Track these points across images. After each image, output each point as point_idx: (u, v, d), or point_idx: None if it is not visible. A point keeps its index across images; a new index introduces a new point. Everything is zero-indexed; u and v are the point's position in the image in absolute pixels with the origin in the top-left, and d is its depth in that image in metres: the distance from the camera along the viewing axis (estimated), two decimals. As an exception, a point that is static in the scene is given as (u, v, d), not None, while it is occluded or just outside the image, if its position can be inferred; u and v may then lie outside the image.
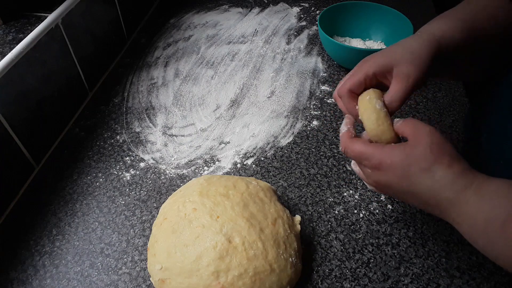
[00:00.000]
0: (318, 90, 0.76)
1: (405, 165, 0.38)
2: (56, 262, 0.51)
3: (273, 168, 0.62)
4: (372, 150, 0.41)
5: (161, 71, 0.81)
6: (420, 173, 0.38)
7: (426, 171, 0.38)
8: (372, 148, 0.41)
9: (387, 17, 0.82)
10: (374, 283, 0.49)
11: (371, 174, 0.42)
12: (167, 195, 0.59)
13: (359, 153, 0.42)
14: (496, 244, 0.35)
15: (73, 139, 0.68)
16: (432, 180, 0.38)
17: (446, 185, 0.37)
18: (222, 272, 0.43)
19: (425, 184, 0.38)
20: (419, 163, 0.38)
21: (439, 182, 0.37)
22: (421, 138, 0.39)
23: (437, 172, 0.37)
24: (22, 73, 0.58)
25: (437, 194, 0.38)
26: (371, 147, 0.41)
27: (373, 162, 0.40)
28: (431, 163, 0.38)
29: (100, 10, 0.77)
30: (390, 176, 0.40)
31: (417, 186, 0.39)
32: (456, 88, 0.75)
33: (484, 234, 0.36)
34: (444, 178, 0.37)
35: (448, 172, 0.37)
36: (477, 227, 0.36)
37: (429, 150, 0.38)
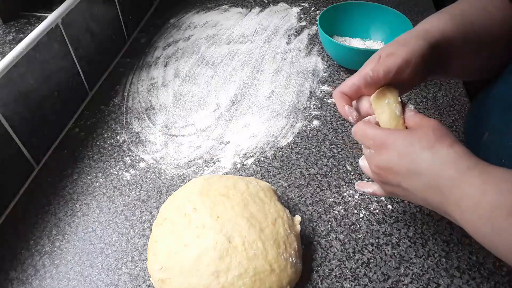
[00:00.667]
0: (318, 90, 0.76)
1: (407, 143, 0.38)
2: (56, 262, 0.51)
3: (273, 168, 0.62)
4: (378, 131, 0.41)
5: (161, 71, 0.81)
6: (422, 150, 0.37)
7: (428, 148, 0.37)
8: (379, 130, 0.41)
9: (387, 17, 0.82)
10: (374, 283, 0.49)
11: (374, 156, 0.42)
12: (167, 195, 0.59)
13: (365, 134, 0.42)
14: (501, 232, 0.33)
15: (73, 139, 0.68)
16: (433, 156, 0.37)
17: (449, 162, 0.36)
18: (222, 272, 0.43)
19: (427, 161, 0.37)
20: (420, 142, 0.38)
21: (441, 159, 0.36)
22: (423, 123, 0.40)
23: (440, 150, 0.37)
24: (22, 73, 0.58)
25: (439, 172, 0.36)
26: (378, 129, 0.41)
27: (376, 141, 0.41)
28: (433, 142, 0.37)
29: (100, 10, 0.77)
30: (391, 154, 0.39)
31: (418, 164, 0.38)
32: (456, 88, 0.75)
33: (489, 221, 0.34)
34: (447, 156, 0.36)
35: (450, 151, 0.36)
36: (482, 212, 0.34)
37: (431, 132, 0.38)
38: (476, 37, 0.46)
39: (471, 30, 0.45)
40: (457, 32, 0.45)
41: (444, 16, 0.47)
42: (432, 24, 0.46)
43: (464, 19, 0.46)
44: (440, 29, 0.45)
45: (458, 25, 0.45)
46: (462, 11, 0.47)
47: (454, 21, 0.45)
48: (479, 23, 0.46)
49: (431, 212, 0.55)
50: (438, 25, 0.45)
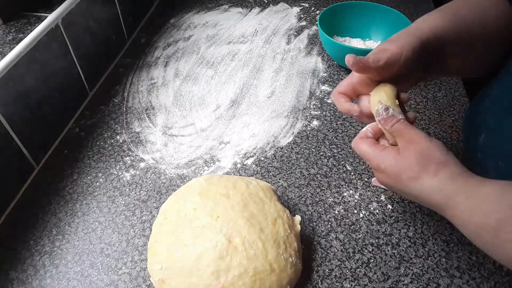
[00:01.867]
0: (318, 90, 0.76)
1: (396, 172, 0.41)
2: (56, 262, 0.51)
3: (273, 168, 0.62)
4: (372, 153, 0.44)
5: (161, 71, 0.81)
6: (409, 181, 0.41)
7: (414, 179, 0.40)
8: (372, 151, 0.44)
9: (387, 17, 0.82)
10: (374, 283, 0.49)
11: (375, 173, 0.46)
12: (167, 195, 0.59)
13: (362, 153, 0.45)
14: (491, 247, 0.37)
15: (73, 139, 0.68)
16: (421, 187, 0.40)
17: (435, 192, 0.39)
18: (222, 272, 0.43)
19: (416, 190, 0.41)
20: (406, 172, 0.41)
21: (427, 190, 0.40)
22: (408, 147, 0.41)
23: (424, 181, 0.40)
24: (22, 73, 0.58)
25: (428, 199, 0.40)
26: (371, 150, 0.44)
27: (373, 163, 0.44)
28: (418, 172, 0.40)
29: (100, 10, 0.77)
30: (387, 178, 0.43)
31: (409, 191, 0.41)
32: (456, 88, 0.75)
33: (478, 238, 0.38)
34: (431, 186, 0.39)
35: (434, 181, 0.39)
36: (471, 230, 0.38)
37: (414, 160, 0.40)
38: (469, 33, 0.46)
39: (464, 26, 0.46)
40: (450, 28, 0.45)
41: (436, 13, 0.48)
42: (424, 22, 0.47)
43: (456, 16, 0.47)
44: (431, 25, 0.45)
45: (450, 22, 0.46)
46: (455, 8, 0.48)
47: (446, 18, 0.46)
48: (473, 20, 0.46)
49: (431, 212, 0.55)
50: (430, 22, 0.46)
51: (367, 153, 0.44)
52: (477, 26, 0.46)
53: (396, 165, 0.41)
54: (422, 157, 0.40)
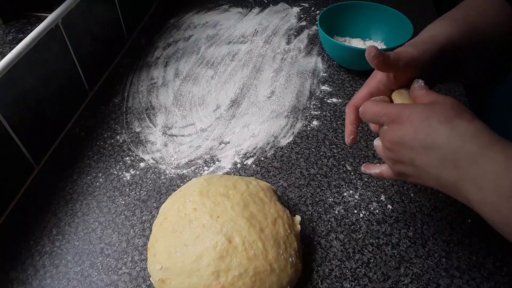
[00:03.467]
0: (318, 90, 0.76)
1: (424, 117, 0.37)
2: (56, 262, 0.51)
3: (273, 168, 0.62)
4: (391, 106, 0.40)
5: (161, 71, 0.81)
6: (439, 124, 0.36)
7: (446, 122, 0.36)
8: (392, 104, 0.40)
9: (387, 17, 0.82)
10: (374, 283, 0.49)
11: (387, 131, 0.40)
12: (167, 195, 0.59)
13: (378, 111, 0.41)
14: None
15: (73, 139, 0.68)
16: (452, 131, 0.35)
17: (469, 137, 0.35)
18: (222, 272, 0.43)
19: (444, 135, 0.35)
20: (438, 116, 0.36)
21: (461, 134, 0.35)
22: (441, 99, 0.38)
23: (459, 125, 0.35)
24: (22, 73, 0.58)
25: (457, 147, 0.35)
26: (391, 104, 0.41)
27: (391, 116, 0.39)
28: (452, 116, 0.36)
29: (100, 10, 0.77)
30: (406, 128, 0.38)
31: (434, 139, 0.36)
32: (456, 88, 0.75)
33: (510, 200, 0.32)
34: (466, 131, 0.35)
35: (470, 126, 0.35)
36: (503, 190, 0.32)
37: (449, 106, 0.37)
38: (481, 40, 0.46)
39: (475, 33, 0.45)
40: (462, 36, 0.44)
41: (447, 21, 0.46)
42: (437, 30, 0.45)
43: (467, 23, 0.46)
44: (445, 34, 0.44)
45: (462, 29, 0.45)
46: (464, 16, 0.47)
47: (457, 26, 0.45)
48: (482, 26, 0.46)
49: (431, 212, 0.55)
50: (442, 31, 0.45)
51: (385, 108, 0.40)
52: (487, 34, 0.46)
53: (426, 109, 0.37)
54: (458, 106, 0.37)
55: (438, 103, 0.38)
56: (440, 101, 0.38)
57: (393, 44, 0.76)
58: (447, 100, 0.38)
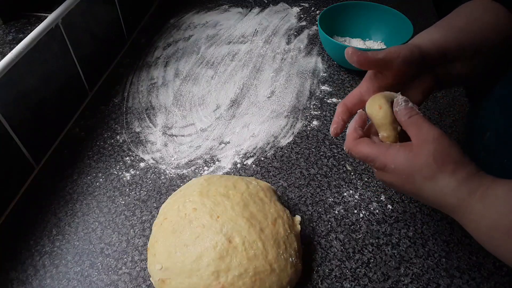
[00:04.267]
0: (318, 90, 0.76)
1: (409, 172, 0.39)
2: (56, 262, 0.51)
3: (273, 168, 0.62)
4: (376, 152, 0.41)
5: (161, 71, 0.81)
6: (423, 180, 0.39)
7: (429, 179, 0.38)
8: (377, 150, 0.41)
9: (387, 17, 0.82)
10: (374, 283, 0.49)
11: (377, 173, 0.44)
12: (167, 195, 0.59)
13: (364, 155, 0.42)
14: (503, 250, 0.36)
15: (73, 139, 0.68)
16: (435, 187, 0.38)
17: (449, 192, 0.38)
18: (222, 272, 0.43)
19: (428, 191, 0.39)
20: (421, 172, 0.38)
21: (442, 190, 0.38)
22: (424, 145, 0.39)
23: (440, 181, 0.38)
24: (22, 73, 0.58)
25: (440, 201, 0.39)
26: (376, 149, 0.41)
27: (377, 164, 0.41)
28: (434, 171, 0.38)
29: (100, 10, 0.77)
30: (395, 178, 0.41)
31: (420, 191, 0.40)
32: (456, 88, 0.75)
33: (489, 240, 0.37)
34: (447, 186, 0.38)
35: (451, 180, 0.38)
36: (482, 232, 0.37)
37: (432, 159, 0.38)
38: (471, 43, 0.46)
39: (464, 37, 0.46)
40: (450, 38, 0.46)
41: (433, 28, 0.48)
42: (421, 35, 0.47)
43: (454, 27, 0.47)
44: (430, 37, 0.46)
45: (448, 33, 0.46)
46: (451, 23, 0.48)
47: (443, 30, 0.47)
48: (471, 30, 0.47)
49: (431, 212, 0.55)
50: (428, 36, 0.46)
51: (370, 153, 0.41)
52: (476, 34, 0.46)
53: (409, 164, 0.39)
54: (441, 156, 0.38)
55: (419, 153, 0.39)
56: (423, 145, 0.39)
57: (393, 44, 0.76)
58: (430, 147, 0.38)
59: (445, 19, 0.49)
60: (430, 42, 0.45)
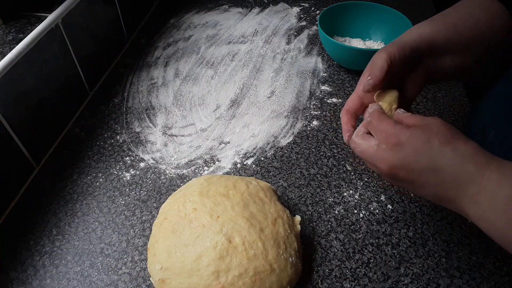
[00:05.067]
0: (318, 90, 0.76)
1: (425, 139, 0.38)
2: (56, 262, 0.51)
3: (273, 168, 0.62)
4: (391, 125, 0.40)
5: (161, 71, 0.81)
6: (441, 145, 0.37)
7: (447, 143, 0.37)
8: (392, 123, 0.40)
9: (387, 17, 0.82)
10: (374, 283, 0.49)
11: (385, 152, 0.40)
12: (167, 195, 0.59)
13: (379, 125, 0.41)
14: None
15: (73, 139, 0.68)
16: (454, 152, 0.37)
17: (468, 157, 0.36)
18: (222, 272, 0.43)
19: (447, 157, 0.37)
20: (438, 137, 0.38)
21: (462, 155, 0.37)
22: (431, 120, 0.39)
23: (458, 146, 0.37)
24: (22, 73, 0.58)
25: (458, 168, 0.36)
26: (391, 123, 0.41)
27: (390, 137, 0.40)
28: (450, 138, 0.37)
29: (100, 10, 0.77)
30: (407, 151, 0.38)
31: (437, 160, 0.37)
32: (456, 88, 0.75)
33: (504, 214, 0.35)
34: (466, 151, 0.37)
35: (468, 147, 0.37)
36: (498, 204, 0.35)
37: (444, 127, 0.38)
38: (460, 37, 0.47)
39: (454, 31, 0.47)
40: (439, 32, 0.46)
41: (425, 22, 0.49)
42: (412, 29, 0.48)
43: (445, 22, 0.47)
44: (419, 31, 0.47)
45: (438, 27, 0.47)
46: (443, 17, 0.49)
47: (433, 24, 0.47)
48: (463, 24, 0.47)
49: (431, 212, 0.55)
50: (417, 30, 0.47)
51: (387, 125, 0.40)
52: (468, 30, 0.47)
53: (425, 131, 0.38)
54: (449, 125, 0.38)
55: (431, 124, 0.39)
56: (431, 120, 0.39)
57: (393, 44, 0.76)
58: (437, 121, 0.39)
59: (440, 14, 0.50)
60: (418, 36, 0.46)
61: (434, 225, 0.54)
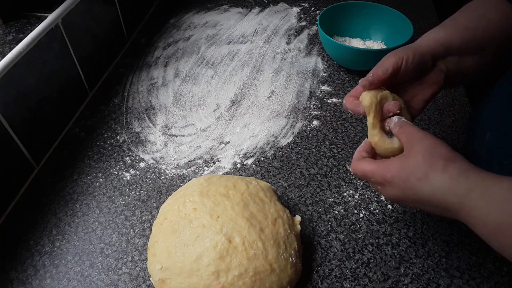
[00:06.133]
0: (318, 90, 0.76)
1: (404, 178, 0.39)
2: (56, 262, 0.51)
3: (273, 168, 0.62)
4: (376, 168, 0.42)
5: (161, 71, 0.81)
6: (419, 183, 0.38)
7: (423, 179, 0.38)
8: (376, 166, 0.42)
9: (387, 17, 0.82)
10: (374, 283, 0.49)
11: (381, 190, 0.43)
12: (167, 195, 0.59)
13: (364, 172, 0.43)
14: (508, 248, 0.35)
15: (73, 139, 0.68)
16: (431, 188, 0.38)
17: (446, 191, 0.37)
18: (222, 272, 0.43)
19: (426, 193, 0.38)
20: (414, 174, 0.39)
21: (439, 190, 0.38)
22: (413, 146, 0.40)
23: (433, 180, 0.38)
24: (22, 73, 0.58)
25: (441, 201, 0.38)
26: (375, 166, 0.42)
27: (377, 179, 0.42)
28: (425, 171, 0.38)
29: (100, 10, 0.77)
30: (395, 189, 0.41)
31: (420, 195, 0.39)
32: (456, 88, 0.75)
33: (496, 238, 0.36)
34: (442, 184, 0.37)
35: (444, 177, 0.37)
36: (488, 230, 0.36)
37: (421, 158, 0.39)
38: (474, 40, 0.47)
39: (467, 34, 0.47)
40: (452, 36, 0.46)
41: (438, 27, 0.49)
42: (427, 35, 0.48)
43: (457, 26, 0.48)
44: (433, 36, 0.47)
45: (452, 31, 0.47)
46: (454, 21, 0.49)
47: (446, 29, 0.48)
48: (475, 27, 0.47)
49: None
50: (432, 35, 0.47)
51: (370, 170, 0.42)
52: (481, 31, 0.47)
53: (402, 169, 0.39)
54: (428, 153, 0.39)
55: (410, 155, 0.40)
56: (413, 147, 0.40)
57: (393, 44, 0.76)
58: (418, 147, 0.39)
59: (450, 18, 0.50)
60: (434, 41, 0.46)
61: (434, 225, 0.54)
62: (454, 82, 0.50)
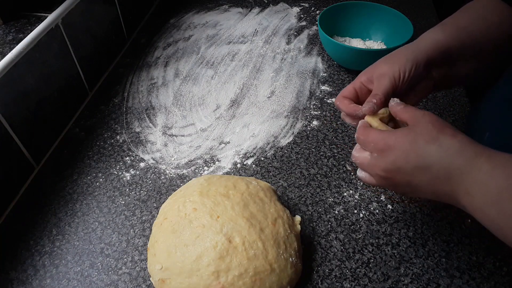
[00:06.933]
0: (318, 90, 0.76)
1: (410, 140, 0.39)
2: (56, 262, 0.51)
3: (273, 168, 0.62)
4: (377, 133, 0.42)
5: (161, 71, 0.81)
6: (427, 144, 0.38)
7: (432, 141, 0.38)
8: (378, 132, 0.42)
9: (387, 17, 0.82)
10: (374, 283, 0.49)
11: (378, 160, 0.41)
12: (167, 195, 0.59)
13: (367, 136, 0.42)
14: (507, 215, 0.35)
15: (73, 139, 0.68)
16: (440, 149, 0.37)
17: (456, 152, 0.37)
18: (222, 272, 0.43)
19: (434, 154, 0.38)
20: (423, 136, 0.38)
21: (448, 151, 0.37)
22: (419, 119, 0.40)
23: (444, 141, 0.37)
24: (22, 73, 0.58)
25: (447, 163, 0.37)
26: (377, 132, 0.42)
27: (379, 144, 0.41)
28: (436, 134, 0.38)
29: (100, 10, 0.77)
30: (397, 154, 0.39)
31: (425, 159, 0.38)
32: (456, 88, 0.75)
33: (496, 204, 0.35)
34: (452, 146, 0.37)
35: (454, 142, 0.37)
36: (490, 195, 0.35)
37: (431, 125, 0.39)
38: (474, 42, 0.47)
39: (467, 37, 0.47)
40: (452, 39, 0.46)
41: (437, 28, 0.48)
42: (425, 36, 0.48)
43: (458, 28, 0.47)
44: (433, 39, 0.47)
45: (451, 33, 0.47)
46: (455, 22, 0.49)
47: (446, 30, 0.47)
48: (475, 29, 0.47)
49: (431, 212, 0.55)
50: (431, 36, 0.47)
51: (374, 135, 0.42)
52: (480, 34, 0.47)
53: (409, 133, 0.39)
54: (437, 122, 0.39)
55: (418, 124, 0.40)
56: (420, 119, 0.40)
57: (393, 44, 0.76)
58: (426, 118, 0.40)
59: (450, 18, 0.50)
60: (433, 46, 0.46)
61: (434, 225, 0.54)
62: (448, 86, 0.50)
